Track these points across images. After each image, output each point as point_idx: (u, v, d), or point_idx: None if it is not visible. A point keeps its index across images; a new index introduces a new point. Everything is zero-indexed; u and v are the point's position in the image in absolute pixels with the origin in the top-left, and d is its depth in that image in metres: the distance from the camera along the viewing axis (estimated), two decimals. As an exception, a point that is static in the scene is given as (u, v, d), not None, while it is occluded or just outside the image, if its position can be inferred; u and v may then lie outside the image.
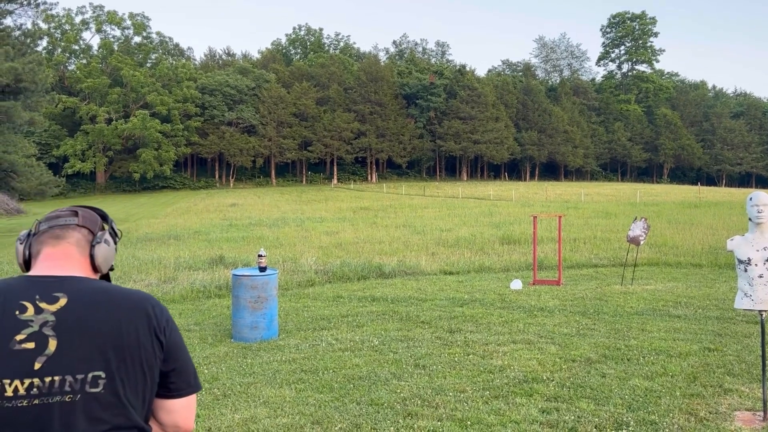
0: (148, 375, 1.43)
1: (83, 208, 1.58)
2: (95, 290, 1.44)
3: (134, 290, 1.51)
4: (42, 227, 1.51)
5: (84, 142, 61.24)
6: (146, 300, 1.49)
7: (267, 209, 34.57)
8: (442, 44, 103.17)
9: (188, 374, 1.53)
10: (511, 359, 6.14)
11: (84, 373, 1.35)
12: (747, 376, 5.51)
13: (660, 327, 7.50)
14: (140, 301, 1.48)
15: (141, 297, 1.49)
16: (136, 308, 1.45)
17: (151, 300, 1.51)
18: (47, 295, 1.39)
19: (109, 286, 1.48)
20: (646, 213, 25.86)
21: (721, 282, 11.10)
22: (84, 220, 1.52)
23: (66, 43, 67.15)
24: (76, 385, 1.33)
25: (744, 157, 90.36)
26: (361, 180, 78.10)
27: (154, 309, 1.49)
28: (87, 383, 1.34)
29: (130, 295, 1.48)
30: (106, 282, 1.51)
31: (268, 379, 5.69)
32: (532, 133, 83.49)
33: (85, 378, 1.34)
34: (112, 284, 1.51)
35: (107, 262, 1.55)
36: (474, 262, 13.67)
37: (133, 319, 1.43)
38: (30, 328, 1.35)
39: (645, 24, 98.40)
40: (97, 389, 1.35)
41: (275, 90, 72.21)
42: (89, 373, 1.35)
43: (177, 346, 1.51)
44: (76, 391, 1.33)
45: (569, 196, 45.47)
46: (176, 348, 1.51)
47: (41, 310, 1.37)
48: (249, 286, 7.30)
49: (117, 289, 1.48)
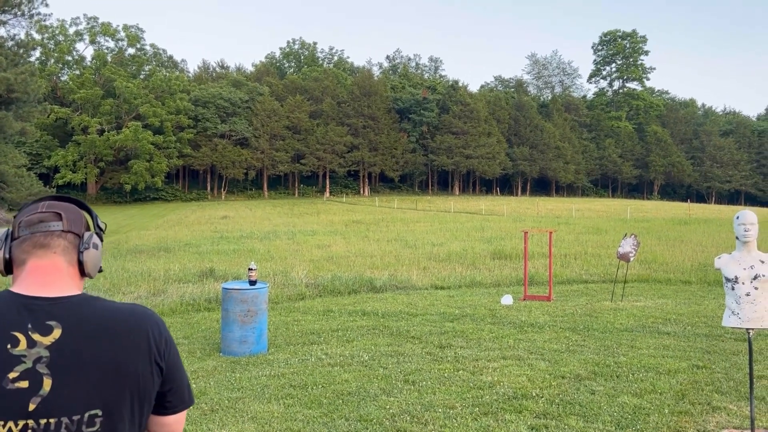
0: (146, 403, 1.38)
1: (63, 202, 1.46)
2: (91, 318, 1.35)
3: (132, 310, 1.41)
4: (23, 232, 1.39)
5: (75, 152, 61.01)
6: (145, 322, 1.40)
7: (258, 222, 34.49)
8: (436, 60, 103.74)
9: (183, 391, 1.48)
10: (501, 375, 6.13)
11: (80, 413, 1.29)
12: (735, 394, 5.52)
13: (649, 344, 7.52)
14: (139, 326, 1.39)
15: (139, 321, 1.40)
16: (134, 336, 1.37)
17: (150, 321, 1.42)
18: (40, 325, 1.30)
19: (105, 309, 1.38)
20: (636, 229, 26.01)
21: (710, 299, 11.16)
22: (69, 224, 1.41)
23: (59, 53, 67.08)
24: (72, 426, 1.28)
25: (733, 175, 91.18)
26: (353, 193, 78.16)
27: (153, 332, 1.40)
28: (84, 423, 1.29)
29: (128, 320, 1.38)
30: (102, 303, 1.40)
31: (256, 395, 5.65)
32: (524, 149, 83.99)
33: (81, 418, 1.29)
34: (109, 304, 1.40)
35: (96, 266, 1.47)
36: (465, 277, 13.68)
37: (131, 350, 1.35)
38: (23, 364, 1.27)
39: (636, 42, 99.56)
40: (94, 428, 1.30)
41: (268, 103, 72.35)
42: (86, 412, 1.29)
43: (175, 367, 1.45)
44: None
45: (560, 212, 45.67)
46: (174, 368, 1.45)
47: (34, 343, 1.29)
48: (239, 299, 7.27)
49: (114, 314, 1.38)
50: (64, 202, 1.46)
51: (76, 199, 1.49)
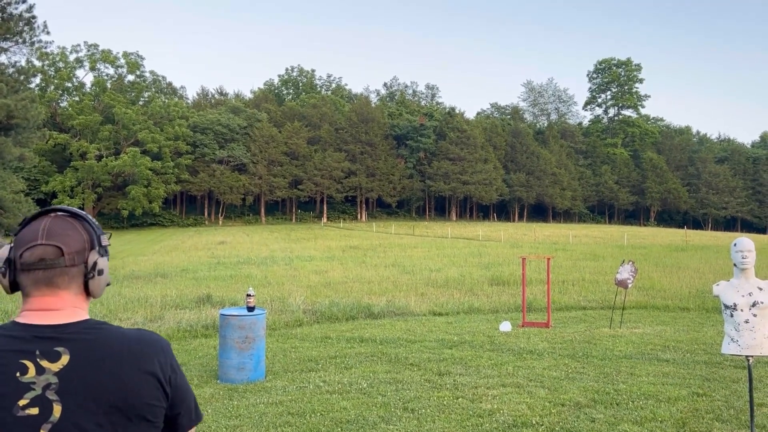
0: (154, 428, 1.38)
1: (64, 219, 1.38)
2: (98, 344, 1.34)
3: (139, 337, 1.40)
4: (23, 264, 1.34)
5: (73, 178, 61.10)
6: (152, 348, 1.39)
7: (256, 247, 34.43)
8: (432, 87, 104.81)
9: (190, 411, 1.47)
10: (501, 403, 6.09)
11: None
12: (736, 422, 5.49)
13: (649, 371, 7.49)
14: (146, 353, 1.38)
15: (146, 347, 1.39)
16: (142, 363, 1.36)
17: (157, 346, 1.41)
18: (48, 351, 1.31)
19: (112, 335, 1.37)
20: (633, 256, 26.02)
21: (708, 326, 11.13)
22: (72, 257, 1.35)
23: (59, 80, 67.55)
24: None
25: (729, 202, 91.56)
26: (350, 219, 78.21)
27: (160, 358, 1.39)
28: None
29: (135, 347, 1.37)
30: (108, 329, 1.39)
31: (254, 422, 5.60)
32: (521, 175, 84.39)
33: None
34: (115, 330, 1.39)
35: (103, 288, 1.45)
36: (463, 303, 13.63)
37: (139, 377, 1.34)
38: (33, 391, 1.28)
39: (630, 70, 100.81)
40: None
41: (267, 129, 72.80)
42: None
43: (182, 390, 1.44)
44: None
45: (557, 238, 45.71)
46: (181, 392, 1.44)
47: (43, 369, 1.29)
48: (237, 326, 7.24)
49: (121, 340, 1.37)
50: (65, 221, 1.38)
51: (76, 212, 1.41)
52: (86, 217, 1.42)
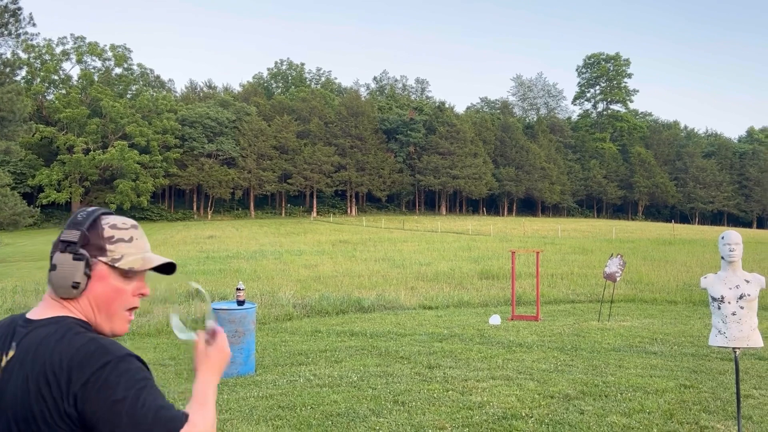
0: None
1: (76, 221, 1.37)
2: (37, 343, 1.23)
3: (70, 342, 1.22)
4: None
5: (60, 172, 60.54)
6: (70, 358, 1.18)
7: (245, 241, 34.32)
8: (422, 81, 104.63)
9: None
10: (491, 395, 6.12)
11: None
12: (722, 414, 5.56)
13: (637, 363, 7.55)
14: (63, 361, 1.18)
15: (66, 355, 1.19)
16: (47, 370, 1.18)
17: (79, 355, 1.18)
18: (9, 345, 1.27)
19: (52, 335, 1.23)
20: (621, 250, 26.20)
21: (695, 319, 11.24)
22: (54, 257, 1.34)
23: (45, 72, 66.81)
24: None
25: (716, 196, 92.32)
26: (340, 213, 78.11)
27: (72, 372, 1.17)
28: None
29: (57, 352, 1.20)
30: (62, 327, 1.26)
31: (244, 416, 5.59)
32: (510, 169, 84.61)
33: None
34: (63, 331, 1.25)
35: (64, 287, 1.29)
36: (453, 297, 13.68)
37: (41, 386, 1.17)
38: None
39: (619, 65, 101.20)
40: None
41: (256, 123, 72.45)
42: None
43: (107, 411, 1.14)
44: None
45: (546, 232, 45.91)
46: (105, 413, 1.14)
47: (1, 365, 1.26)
48: (227, 320, 7.22)
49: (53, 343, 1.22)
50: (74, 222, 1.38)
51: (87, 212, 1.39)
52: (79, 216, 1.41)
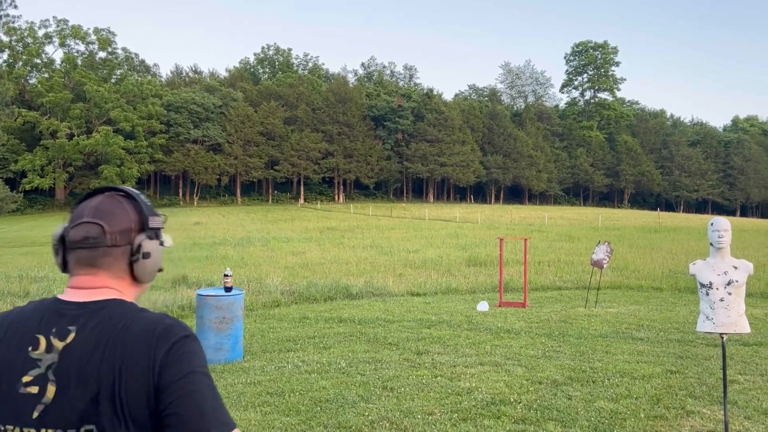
0: (141, 427, 1.21)
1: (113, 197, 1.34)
2: (103, 324, 1.24)
3: (149, 320, 1.27)
4: (70, 242, 1.31)
5: (43, 157, 59.77)
6: (152, 335, 1.24)
7: (232, 228, 34.16)
8: (410, 68, 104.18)
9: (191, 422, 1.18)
10: (479, 381, 6.14)
11: (76, 427, 1.20)
12: (708, 399, 5.61)
13: (623, 349, 7.61)
14: (143, 335, 1.24)
15: (147, 332, 1.24)
16: (135, 347, 1.22)
17: (159, 334, 1.24)
18: (62, 329, 1.24)
19: (121, 316, 1.26)
20: (607, 237, 26.37)
21: (681, 305, 11.35)
22: (115, 237, 1.30)
23: (28, 56, 65.74)
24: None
25: (701, 184, 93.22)
26: (328, 200, 77.93)
27: (157, 347, 1.23)
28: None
29: (135, 330, 1.24)
30: (125, 309, 1.28)
31: (232, 402, 5.56)
32: (498, 157, 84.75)
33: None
34: (130, 311, 1.28)
35: (152, 273, 1.36)
36: (441, 284, 13.71)
37: (130, 363, 1.21)
38: (38, 369, 1.22)
39: (607, 53, 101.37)
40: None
41: (242, 108, 71.87)
42: (82, 427, 1.20)
43: (179, 391, 1.20)
44: None
45: (533, 220, 46.12)
46: (177, 393, 1.20)
47: (51, 347, 1.23)
48: (214, 306, 7.17)
49: (126, 321, 1.25)
50: (115, 200, 1.35)
51: (129, 192, 1.38)
52: (138, 197, 1.38)
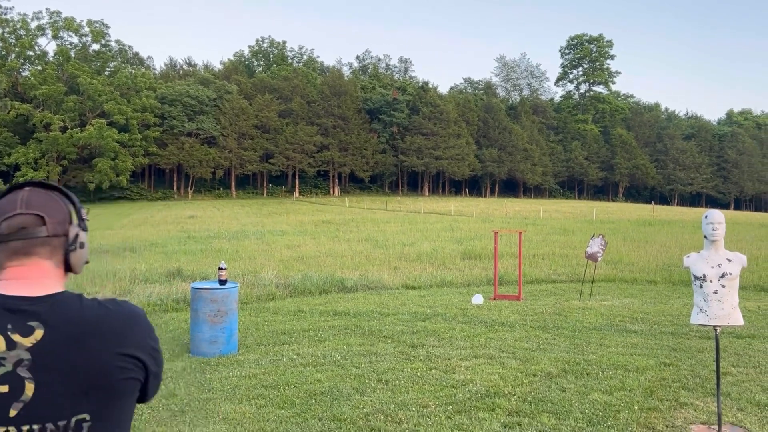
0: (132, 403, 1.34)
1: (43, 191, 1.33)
2: (75, 318, 1.26)
3: (117, 310, 1.32)
4: (3, 231, 1.28)
5: (37, 150, 59.39)
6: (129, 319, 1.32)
7: (226, 222, 34.09)
8: (405, 61, 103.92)
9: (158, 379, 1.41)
10: (473, 374, 6.15)
11: (67, 418, 1.22)
12: (701, 391, 5.64)
13: (617, 342, 7.64)
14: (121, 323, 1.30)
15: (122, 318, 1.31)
16: (124, 340, 1.29)
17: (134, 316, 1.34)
18: (21, 325, 1.22)
19: (89, 308, 1.29)
20: (602, 230, 26.43)
21: (674, 298, 11.40)
22: (54, 227, 1.30)
23: (20, 48, 65.21)
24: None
25: (695, 178, 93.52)
26: (323, 193, 77.83)
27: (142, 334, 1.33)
28: (70, 429, 1.22)
29: (110, 317, 1.30)
30: (86, 301, 1.31)
31: (227, 395, 5.56)
32: (493, 151, 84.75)
33: (68, 424, 1.22)
34: (92, 303, 1.31)
35: (83, 263, 1.39)
36: (436, 277, 13.72)
37: (120, 354, 1.27)
38: (2, 368, 1.19)
39: (602, 46, 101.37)
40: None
41: (237, 101, 71.59)
42: (73, 417, 1.22)
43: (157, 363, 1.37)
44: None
45: (528, 213, 46.19)
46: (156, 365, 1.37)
47: (14, 344, 1.21)
48: (209, 299, 7.15)
49: (96, 311, 1.29)
50: (44, 193, 1.34)
51: (56, 186, 1.37)
52: (63, 190, 1.37)
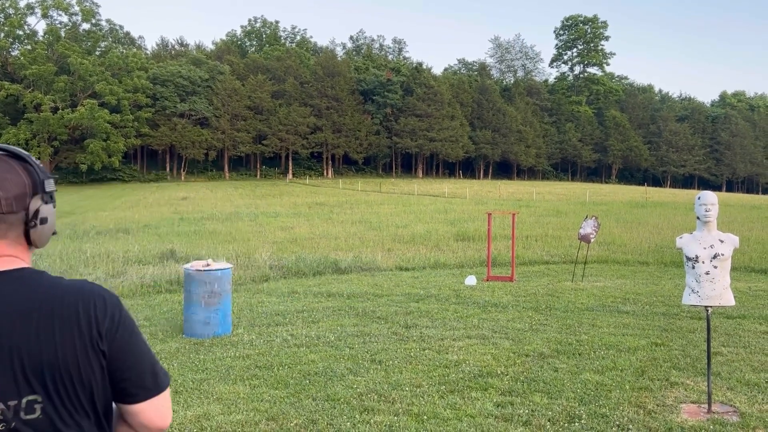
0: (94, 390, 1.24)
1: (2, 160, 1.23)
2: (26, 295, 1.20)
3: (72, 287, 1.25)
4: None
5: (27, 131, 58.87)
6: (85, 300, 1.23)
7: (220, 203, 34.00)
8: (399, 41, 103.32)
9: (144, 377, 1.28)
10: (467, 354, 6.19)
11: (17, 398, 1.16)
12: (692, 370, 5.70)
13: (609, 323, 7.69)
14: (76, 304, 1.22)
15: (78, 298, 1.23)
16: (69, 316, 1.20)
17: (92, 297, 1.25)
18: None
19: (42, 286, 1.22)
20: (595, 212, 26.52)
21: (666, 279, 11.47)
22: (10, 203, 1.21)
23: (9, 27, 64.30)
24: (8, 413, 1.15)
25: (688, 160, 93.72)
26: (316, 175, 77.60)
27: (94, 311, 1.23)
28: (21, 410, 1.16)
29: (65, 298, 1.22)
30: (42, 279, 1.24)
31: (221, 376, 5.58)
32: (487, 132, 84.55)
33: (18, 404, 1.16)
34: (49, 280, 1.25)
35: (47, 238, 1.30)
36: (429, 259, 13.75)
37: (69, 332, 1.20)
38: None
39: (597, 27, 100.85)
40: (34, 415, 1.17)
41: (229, 82, 70.99)
42: (23, 398, 1.17)
43: (126, 350, 1.26)
44: (9, 419, 1.16)
45: (521, 195, 46.26)
46: (125, 352, 1.26)
47: None
48: (202, 281, 7.15)
49: (50, 290, 1.22)
50: (4, 162, 1.24)
51: (17, 152, 1.26)
52: (29, 159, 1.27)
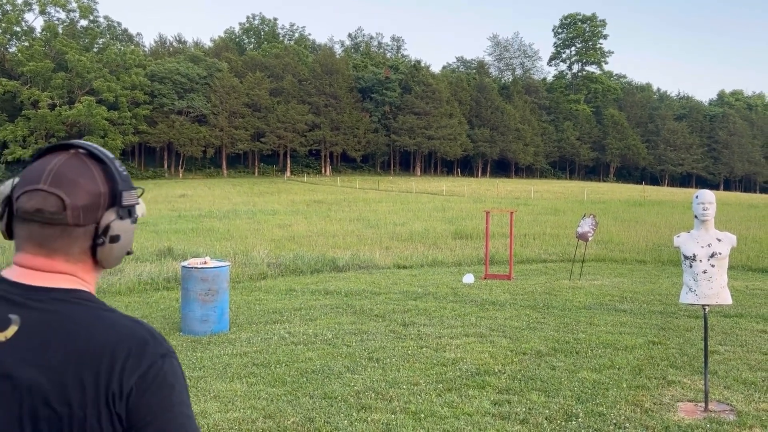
0: None
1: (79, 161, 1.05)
2: (53, 324, 1.01)
3: (115, 325, 1.03)
4: (19, 210, 1.04)
5: (25, 127, 58.73)
6: (124, 341, 1.01)
7: (218, 201, 33.96)
8: (398, 39, 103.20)
9: None
10: (464, 352, 6.19)
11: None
12: (689, 369, 5.70)
13: (607, 321, 7.70)
14: (111, 348, 1.00)
15: (118, 338, 1.01)
16: (95, 359, 0.99)
17: (133, 339, 1.02)
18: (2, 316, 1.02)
19: (79, 315, 1.03)
20: (593, 211, 26.52)
21: (663, 278, 11.49)
22: (76, 216, 1.02)
23: (7, 24, 64.11)
24: None
25: (685, 158, 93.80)
26: (314, 173, 77.53)
27: (127, 359, 1.00)
28: None
29: (100, 337, 1.01)
30: (86, 307, 1.05)
31: (218, 373, 5.57)
32: (485, 130, 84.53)
33: None
34: (93, 312, 1.04)
35: (120, 258, 1.12)
36: (427, 257, 13.75)
37: (83, 376, 0.98)
38: None
39: (595, 26, 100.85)
40: None
41: (227, 79, 70.87)
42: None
43: (153, 415, 1.00)
44: None
45: (519, 193, 46.28)
46: (152, 418, 1.00)
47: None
48: (200, 278, 7.14)
49: (90, 324, 1.02)
50: (82, 165, 1.05)
51: (101, 155, 1.07)
52: (111, 163, 1.08)
